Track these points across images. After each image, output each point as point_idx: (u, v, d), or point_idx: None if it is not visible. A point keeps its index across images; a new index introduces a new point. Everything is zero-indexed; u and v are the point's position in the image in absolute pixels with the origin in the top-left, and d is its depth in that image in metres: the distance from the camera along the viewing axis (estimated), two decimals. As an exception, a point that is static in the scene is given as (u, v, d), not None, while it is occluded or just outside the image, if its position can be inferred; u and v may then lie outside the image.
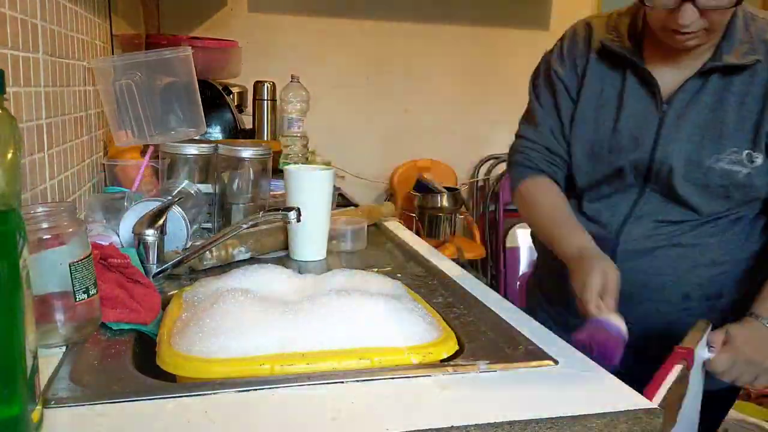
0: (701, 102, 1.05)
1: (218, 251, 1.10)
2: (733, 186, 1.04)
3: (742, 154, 1.02)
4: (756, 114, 1.02)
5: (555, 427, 0.62)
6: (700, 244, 1.08)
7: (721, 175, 1.03)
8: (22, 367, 0.52)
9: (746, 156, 1.02)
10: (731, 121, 1.02)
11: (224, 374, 0.68)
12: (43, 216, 0.72)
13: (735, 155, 1.02)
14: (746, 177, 1.02)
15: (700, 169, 1.04)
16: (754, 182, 1.03)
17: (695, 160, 1.05)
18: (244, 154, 1.28)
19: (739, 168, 1.02)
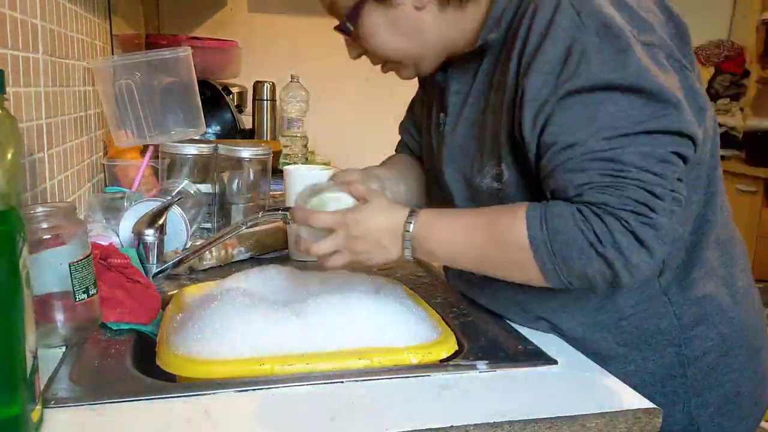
0: (472, 104, 0.85)
1: (218, 251, 1.10)
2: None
3: (498, 166, 0.80)
4: (497, 113, 0.80)
5: (554, 427, 0.62)
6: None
7: (488, 195, 0.82)
8: (22, 367, 0.52)
9: (500, 170, 0.80)
10: (489, 125, 0.81)
11: (224, 374, 0.68)
12: (43, 216, 0.72)
13: (495, 168, 0.81)
14: (501, 201, 0.80)
15: (471, 188, 0.85)
16: (513, 201, 0.80)
17: (464, 173, 0.86)
18: (243, 155, 1.28)
19: (496, 185, 0.81)
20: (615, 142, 0.67)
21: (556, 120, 0.70)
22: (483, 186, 0.82)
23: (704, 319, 0.81)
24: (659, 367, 0.81)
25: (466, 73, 0.85)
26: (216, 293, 0.84)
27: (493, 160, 0.81)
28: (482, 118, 0.83)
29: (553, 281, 0.71)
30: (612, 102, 0.68)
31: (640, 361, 0.81)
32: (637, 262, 0.67)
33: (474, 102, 0.84)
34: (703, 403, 0.82)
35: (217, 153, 1.31)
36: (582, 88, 0.69)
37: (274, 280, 0.93)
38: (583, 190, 0.68)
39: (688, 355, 0.81)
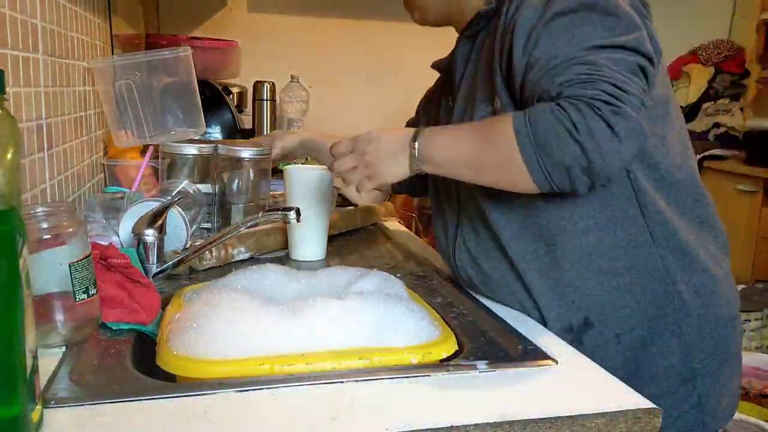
0: (469, 73, 0.98)
1: (218, 251, 1.10)
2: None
3: (492, 104, 0.90)
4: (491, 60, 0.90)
5: (555, 427, 0.62)
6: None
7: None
8: (22, 367, 0.52)
9: (494, 106, 0.89)
10: (479, 75, 0.94)
11: (224, 374, 0.69)
12: (43, 216, 0.72)
13: (485, 108, 0.91)
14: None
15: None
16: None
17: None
18: (243, 155, 1.28)
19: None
20: (591, 51, 0.77)
21: (542, 41, 0.80)
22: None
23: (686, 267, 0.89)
24: (651, 306, 0.88)
25: (465, 55, 0.99)
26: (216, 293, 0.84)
27: (484, 102, 0.91)
28: (475, 79, 0.94)
29: (536, 175, 0.76)
30: (589, 22, 0.79)
31: (634, 305, 0.88)
32: (608, 148, 0.73)
33: (470, 72, 0.97)
34: (711, 390, 0.89)
35: (216, 153, 1.31)
36: (565, 9, 0.79)
37: (274, 279, 0.93)
38: (563, 87, 0.76)
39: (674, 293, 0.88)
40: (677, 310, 0.88)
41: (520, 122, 0.77)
